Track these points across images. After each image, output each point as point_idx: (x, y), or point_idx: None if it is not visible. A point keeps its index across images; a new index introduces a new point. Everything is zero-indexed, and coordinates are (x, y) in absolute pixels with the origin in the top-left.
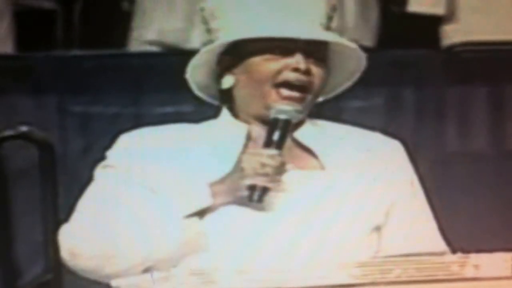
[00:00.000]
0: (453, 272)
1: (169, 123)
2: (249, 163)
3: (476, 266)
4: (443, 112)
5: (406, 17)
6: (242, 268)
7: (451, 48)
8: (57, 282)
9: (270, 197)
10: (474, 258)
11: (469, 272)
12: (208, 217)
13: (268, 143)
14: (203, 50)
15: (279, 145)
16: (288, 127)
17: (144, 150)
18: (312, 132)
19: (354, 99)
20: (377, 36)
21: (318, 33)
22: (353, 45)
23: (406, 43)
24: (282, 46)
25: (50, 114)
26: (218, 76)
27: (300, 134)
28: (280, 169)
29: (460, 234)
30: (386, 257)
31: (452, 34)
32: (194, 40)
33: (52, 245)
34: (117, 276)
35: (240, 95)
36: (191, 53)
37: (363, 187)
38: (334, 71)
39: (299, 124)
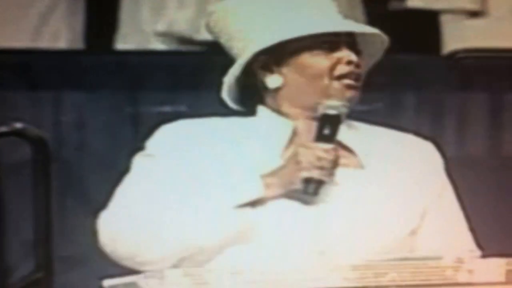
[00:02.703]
0: (448, 276)
1: (167, 122)
2: (306, 157)
3: (470, 271)
4: (442, 117)
5: (405, 19)
6: (235, 269)
7: (453, 54)
8: (47, 281)
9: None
10: (469, 263)
11: (463, 277)
12: (258, 209)
13: (319, 138)
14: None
15: (330, 139)
16: (338, 122)
17: (186, 140)
18: (349, 132)
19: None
20: None
21: (357, 26)
22: (382, 34)
23: (406, 46)
24: (328, 41)
25: (46, 110)
26: (250, 75)
27: (339, 133)
28: (335, 163)
29: None
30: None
31: (454, 40)
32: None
33: (43, 244)
34: (151, 264)
35: (290, 93)
36: (189, 52)
37: (400, 188)
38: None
39: None
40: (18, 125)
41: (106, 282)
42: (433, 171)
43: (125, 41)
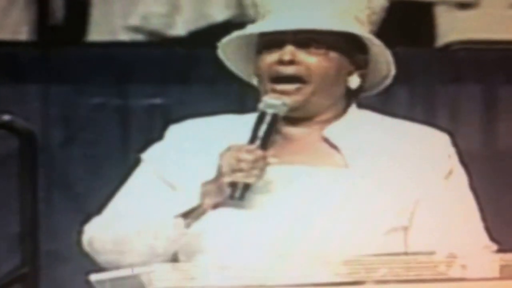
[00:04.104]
0: (440, 272)
1: (156, 115)
2: (225, 160)
3: (463, 266)
4: (436, 109)
5: (398, 11)
6: (223, 264)
7: (447, 46)
8: (33, 276)
9: (258, 195)
10: (462, 258)
11: (456, 272)
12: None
13: (253, 138)
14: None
15: (264, 139)
16: (275, 121)
17: (180, 142)
18: (345, 128)
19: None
20: None
21: (307, 23)
22: (373, 38)
23: (399, 39)
24: (273, 40)
25: (33, 103)
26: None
27: (330, 130)
28: (258, 164)
29: None
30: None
31: (448, 32)
32: (178, 26)
33: (29, 238)
34: (141, 265)
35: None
36: (179, 44)
37: (385, 188)
38: (370, 74)
39: (334, 118)
40: (6, 117)
41: (93, 277)
42: (438, 164)
43: (94, 34)
